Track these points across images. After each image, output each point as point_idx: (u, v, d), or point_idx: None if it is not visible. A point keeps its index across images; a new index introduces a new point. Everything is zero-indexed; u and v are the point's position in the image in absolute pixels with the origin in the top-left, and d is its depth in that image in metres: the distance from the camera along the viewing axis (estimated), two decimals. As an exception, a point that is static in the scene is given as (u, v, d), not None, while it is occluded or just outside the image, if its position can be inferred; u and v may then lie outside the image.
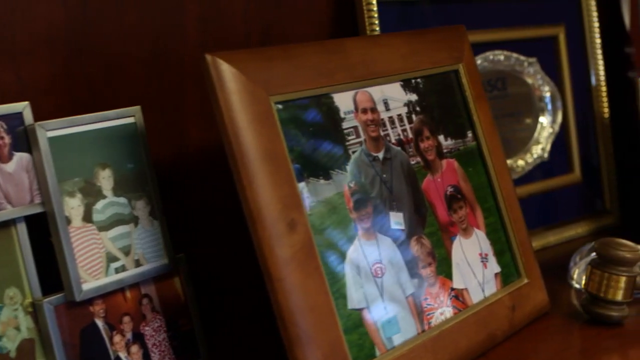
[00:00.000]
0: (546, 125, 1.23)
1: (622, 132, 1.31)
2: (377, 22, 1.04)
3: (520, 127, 1.21)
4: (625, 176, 1.31)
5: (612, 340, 0.93)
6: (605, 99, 1.29)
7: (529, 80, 1.22)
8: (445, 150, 0.92)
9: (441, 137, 0.92)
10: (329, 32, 1.07)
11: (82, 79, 0.88)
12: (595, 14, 1.28)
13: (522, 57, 1.20)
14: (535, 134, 1.23)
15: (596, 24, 1.28)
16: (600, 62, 1.29)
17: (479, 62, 1.15)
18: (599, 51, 1.29)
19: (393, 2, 1.07)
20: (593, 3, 1.28)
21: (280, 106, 0.77)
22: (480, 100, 0.97)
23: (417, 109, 0.90)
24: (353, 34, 1.05)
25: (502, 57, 1.18)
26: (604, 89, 1.29)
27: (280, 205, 0.73)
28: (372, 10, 1.03)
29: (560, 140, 1.25)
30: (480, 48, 1.16)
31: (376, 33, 1.04)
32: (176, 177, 0.95)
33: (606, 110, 1.29)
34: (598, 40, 1.28)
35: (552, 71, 1.24)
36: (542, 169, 1.23)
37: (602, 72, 1.29)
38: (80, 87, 0.88)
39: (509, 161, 1.19)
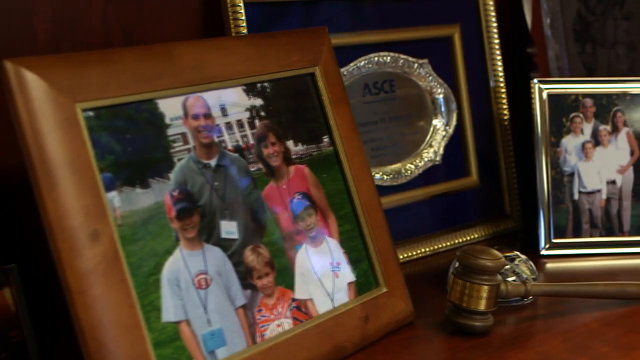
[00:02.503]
0: (440, 128, 1.21)
1: (523, 134, 1.29)
2: (243, 23, 1.01)
3: (410, 130, 1.18)
4: (527, 180, 1.28)
5: (471, 351, 0.90)
6: (504, 101, 1.26)
7: (421, 82, 1.19)
8: (294, 156, 0.90)
9: (290, 143, 0.90)
10: (197, 33, 1.05)
11: None
12: (493, 14, 1.25)
13: (411, 59, 1.17)
14: (428, 137, 1.20)
15: (494, 24, 1.25)
16: (499, 63, 1.26)
17: (362, 63, 1.13)
18: (498, 52, 1.25)
19: (265, 2, 1.04)
20: (491, 3, 1.25)
21: (90, 113, 0.74)
22: (339, 104, 0.95)
23: (262, 113, 0.88)
24: (222, 35, 1.03)
25: (388, 59, 1.15)
26: (503, 90, 1.26)
27: (82, 216, 0.71)
28: (238, 11, 1.01)
29: (455, 144, 1.22)
30: (364, 50, 1.13)
31: (243, 34, 1.01)
32: (6, 187, 0.93)
33: (506, 112, 1.26)
34: (496, 41, 1.25)
35: (446, 72, 1.21)
36: (435, 173, 1.20)
37: (500, 74, 1.26)
38: None
39: (397, 165, 1.17)
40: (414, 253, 1.17)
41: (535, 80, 1.18)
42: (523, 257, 1.06)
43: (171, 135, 0.79)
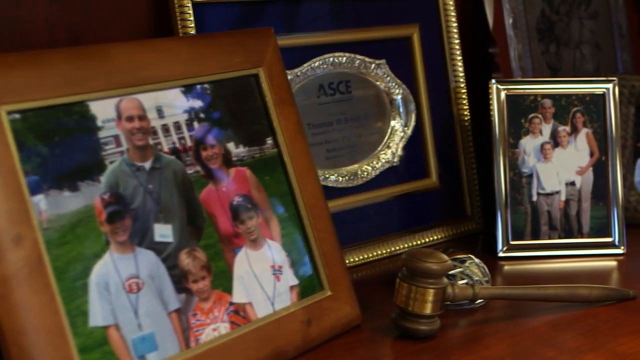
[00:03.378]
0: (398, 129, 1.20)
1: (485, 135, 1.27)
2: (192, 24, 1.00)
3: (368, 131, 1.17)
4: (489, 181, 1.27)
5: (416, 355, 0.89)
6: (465, 102, 1.25)
7: (378, 83, 1.18)
8: (235, 159, 0.89)
9: (230, 145, 0.89)
10: (147, 35, 1.04)
11: None
12: (453, 14, 1.24)
13: (368, 59, 1.16)
14: (385, 138, 1.19)
15: (454, 24, 1.24)
16: (459, 64, 1.25)
17: (316, 64, 1.12)
18: (458, 52, 1.24)
19: (217, 3, 1.03)
20: (451, 3, 1.23)
21: (17, 115, 0.73)
22: (284, 105, 0.94)
23: (202, 115, 0.87)
24: (172, 36, 1.02)
25: (344, 59, 1.14)
26: (463, 91, 1.25)
27: (4, 221, 0.70)
28: (186, 12, 1.00)
29: (414, 145, 1.21)
30: (319, 50, 1.12)
31: (191, 35, 1.00)
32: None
33: (466, 113, 1.25)
34: (456, 41, 1.24)
35: (405, 73, 1.20)
36: (393, 174, 1.19)
37: (461, 74, 1.25)
38: None
39: (353, 167, 1.16)
40: (371, 255, 1.16)
41: (493, 81, 1.17)
42: (476, 259, 1.05)
43: (103, 138, 0.78)
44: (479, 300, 1.01)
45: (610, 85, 1.18)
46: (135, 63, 0.82)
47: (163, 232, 0.81)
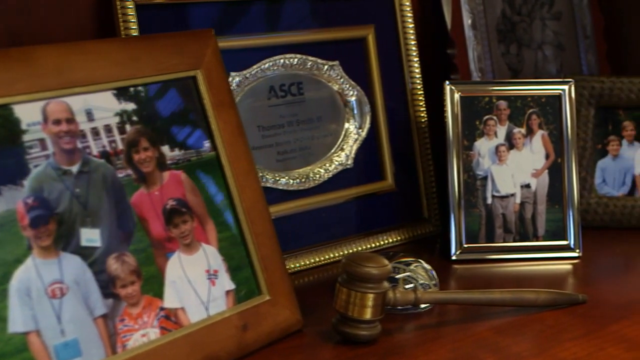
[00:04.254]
0: (352, 131, 1.18)
1: (442, 137, 1.26)
2: (134, 25, 0.99)
3: (321, 133, 1.16)
4: (446, 183, 1.26)
5: (353, 361, 0.89)
6: (422, 103, 1.24)
7: (332, 85, 1.17)
8: (170, 162, 0.88)
9: (165, 148, 0.88)
10: (91, 36, 1.03)
11: None
12: (409, 14, 1.22)
13: (320, 61, 1.15)
14: (339, 141, 1.17)
15: (410, 25, 1.22)
16: (416, 65, 1.23)
17: (266, 66, 1.10)
18: (415, 53, 1.23)
19: (161, 5, 1.02)
20: (407, 4, 1.22)
21: None
22: (223, 108, 0.93)
23: (134, 118, 0.86)
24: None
25: (295, 61, 1.13)
26: (420, 92, 1.24)
27: None
28: (129, 13, 0.99)
29: (369, 147, 1.20)
30: (269, 51, 1.11)
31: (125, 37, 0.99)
32: None
33: (423, 115, 1.24)
34: (413, 42, 1.23)
35: (360, 75, 1.19)
36: (347, 177, 1.18)
37: (417, 75, 1.23)
38: None
39: (305, 169, 1.14)
40: (325, 258, 1.15)
41: (448, 82, 1.16)
42: (423, 263, 1.04)
43: (28, 141, 0.77)
44: (425, 305, 1.00)
45: (566, 87, 1.17)
46: (63, 65, 0.81)
47: (90, 236, 0.80)
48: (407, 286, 1.00)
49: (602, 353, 0.88)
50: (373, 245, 1.19)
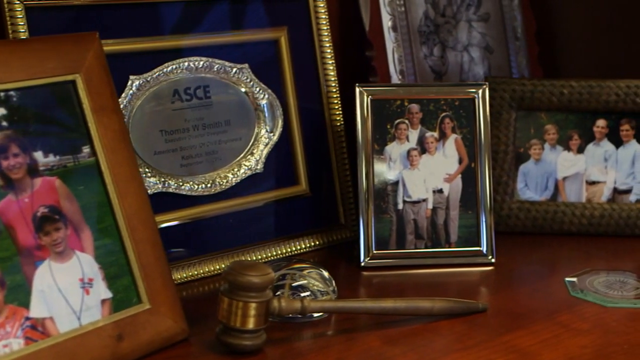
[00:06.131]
0: (263, 135, 1.16)
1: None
2: (23, 28, 0.97)
3: (229, 137, 1.14)
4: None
5: (236, 371, 0.87)
6: (337, 107, 1.22)
7: (241, 88, 1.15)
8: (43, 168, 0.86)
9: (38, 154, 0.86)
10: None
11: None
12: (324, 16, 1.20)
13: (228, 64, 1.13)
14: (249, 145, 1.15)
15: (325, 27, 1.20)
16: (331, 68, 1.21)
17: (169, 69, 1.08)
18: (330, 56, 1.21)
19: (52, 7, 1.00)
20: (322, 5, 1.20)
21: None
22: (104, 113, 0.91)
23: (4, 123, 0.84)
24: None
25: (201, 64, 1.11)
26: (336, 96, 1.22)
27: None
28: (17, 16, 0.97)
29: (282, 151, 1.18)
30: (173, 54, 1.09)
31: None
32: None
33: (339, 118, 1.22)
34: (328, 44, 1.20)
35: (272, 78, 1.17)
36: (257, 182, 1.16)
37: (333, 78, 1.21)
38: None
39: (211, 174, 1.12)
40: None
41: (358, 85, 1.14)
42: (322, 270, 1.02)
43: None
44: (318, 314, 0.98)
45: (480, 90, 1.15)
46: None
47: (-54, 246, 0.78)
48: (303, 294, 0.99)
49: (488, 364, 0.87)
50: (286, 251, 1.17)
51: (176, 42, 1.10)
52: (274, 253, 1.16)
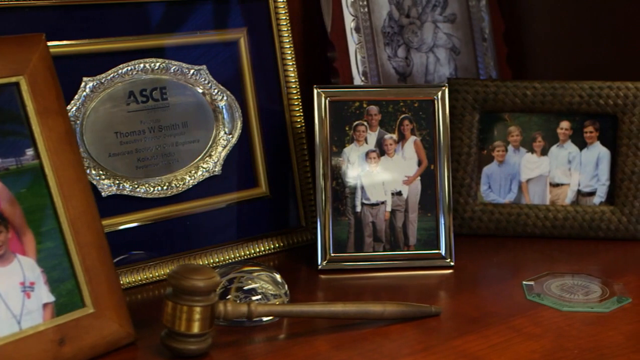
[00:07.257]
0: (221, 136, 1.16)
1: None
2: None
3: (186, 139, 1.13)
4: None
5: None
6: (298, 109, 1.21)
7: (199, 90, 1.14)
8: (-17, 171, 0.85)
9: (-21, 157, 0.85)
10: None
11: None
12: (284, 17, 1.19)
13: (185, 65, 1.12)
14: (207, 147, 1.15)
15: (285, 28, 1.19)
16: (292, 69, 1.20)
17: (123, 70, 1.08)
18: (290, 57, 1.20)
19: (2, 8, 0.99)
20: (282, 6, 1.19)
21: None
22: (49, 115, 0.90)
23: (-57, 126, 0.83)
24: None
25: (157, 65, 1.10)
26: (296, 97, 1.21)
27: None
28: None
29: (241, 153, 1.17)
30: (128, 56, 1.08)
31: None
32: None
33: (300, 120, 1.21)
34: (288, 46, 1.20)
35: (231, 79, 1.16)
36: (216, 184, 1.15)
37: (293, 80, 1.20)
38: None
39: (168, 176, 1.11)
40: (189, 267, 1.12)
41: (315, 87, 1.13)
42: (273, 273, 1.01)
43: None
44: (268, 318, 0.97)
45: (439, 92, 1.14)
46: None
47: None
48: (254, 297, 0.98)
49: (433, 370, 0.86)
50: (244, 253, 1.16)
51: (132, 43, 1.09)
52: (234, 255, 1.15)
